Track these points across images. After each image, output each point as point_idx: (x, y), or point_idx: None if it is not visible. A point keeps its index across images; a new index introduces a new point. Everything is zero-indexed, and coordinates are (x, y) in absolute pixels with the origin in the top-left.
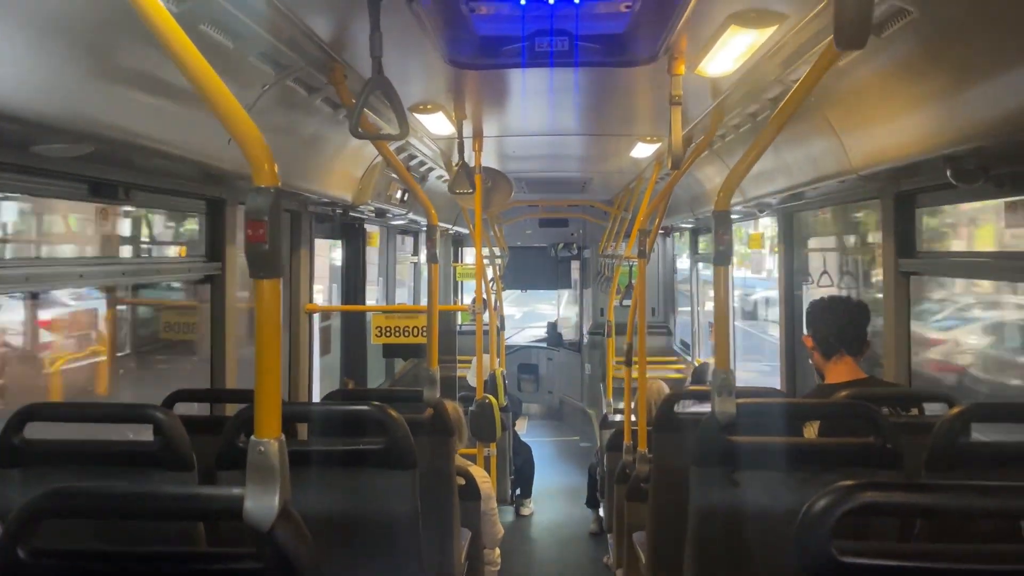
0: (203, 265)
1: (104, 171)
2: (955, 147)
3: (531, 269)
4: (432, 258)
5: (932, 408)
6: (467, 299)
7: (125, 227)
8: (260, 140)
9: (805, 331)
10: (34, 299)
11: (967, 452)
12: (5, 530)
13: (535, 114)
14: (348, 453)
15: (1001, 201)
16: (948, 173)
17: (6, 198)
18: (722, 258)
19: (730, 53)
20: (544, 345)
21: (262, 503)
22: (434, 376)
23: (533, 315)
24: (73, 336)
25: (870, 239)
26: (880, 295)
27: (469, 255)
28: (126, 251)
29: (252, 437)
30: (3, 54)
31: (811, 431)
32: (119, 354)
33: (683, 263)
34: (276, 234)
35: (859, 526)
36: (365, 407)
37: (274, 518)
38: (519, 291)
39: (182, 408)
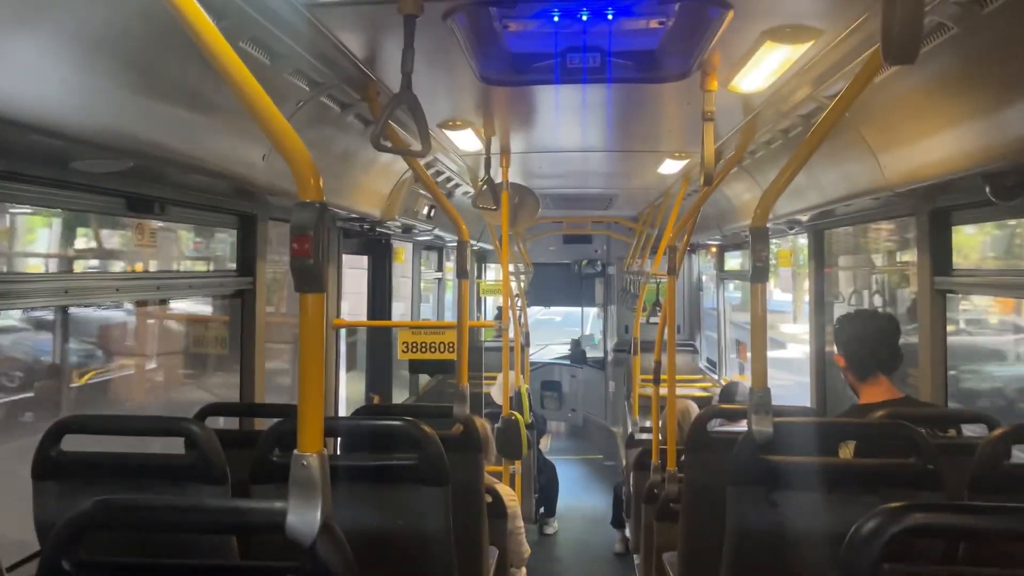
0: (235, 280)
1: (141, 186)
2: (995, 164)
3: (555, 286)
4: (463, 274)
5: (967, 428)
6: (490, 315)
7: (160, 241)
8: (306, 155)
9: (835, 349)
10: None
11: (1010, 474)
12: (52, 541)
13: (563, 130)
14: (381, 468)
15: None
16: (987, 190)
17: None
18: (759, 275)
19: (764, 69)
20: (567, 362)
21: (304, 517)
22: (465, 392)
23: (571, 319)
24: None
25: (901, 257)
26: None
27: (492, 271)
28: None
29: (295, 451)
30: (49, 71)
31: (846, 452)
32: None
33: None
34: (321, 249)
35: (901, 549)
36: (399, 423)
37: (316, 533)
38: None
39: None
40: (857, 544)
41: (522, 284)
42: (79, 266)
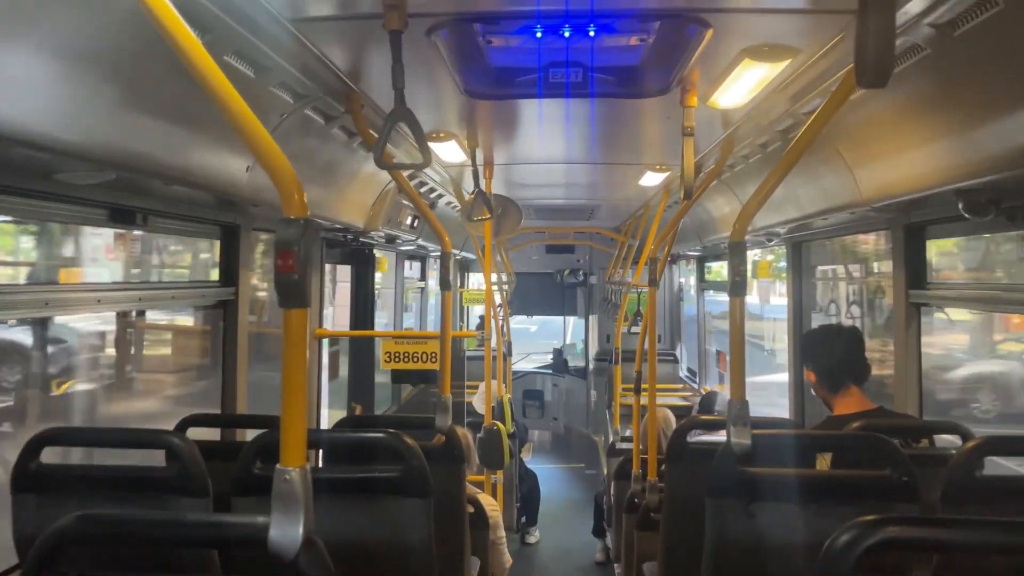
0: (217, 291)
1: (123, 197)
2: (968, 181)
3: (537, 295)
4: (445, 285)
5: (940, 439)
6: (473, 325)
7: (140, 252)
8: (290, 171)
9: (803, 364)
10: None
11: (983, 486)
12: (32, 555)
13: (546, 143)
14: (362, 480)
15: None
16: (960, 206)
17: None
18: (737, 288)
19: (742, 86)
20: (549, 371)
21: (287, 532)
22: (447, 403)
23: (546, 330)
24: None
25: (879, 269)
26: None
27: (475, 280)
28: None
29: (278, 465)
30: (33, 83)
31: (823, 463)
32: None
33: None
34: (305, 264)
35: (875, 561)
36: (382, 435)
37: (299, 547)
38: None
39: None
40: (831, 556)
41: (505, 294)
42: (60, 276)
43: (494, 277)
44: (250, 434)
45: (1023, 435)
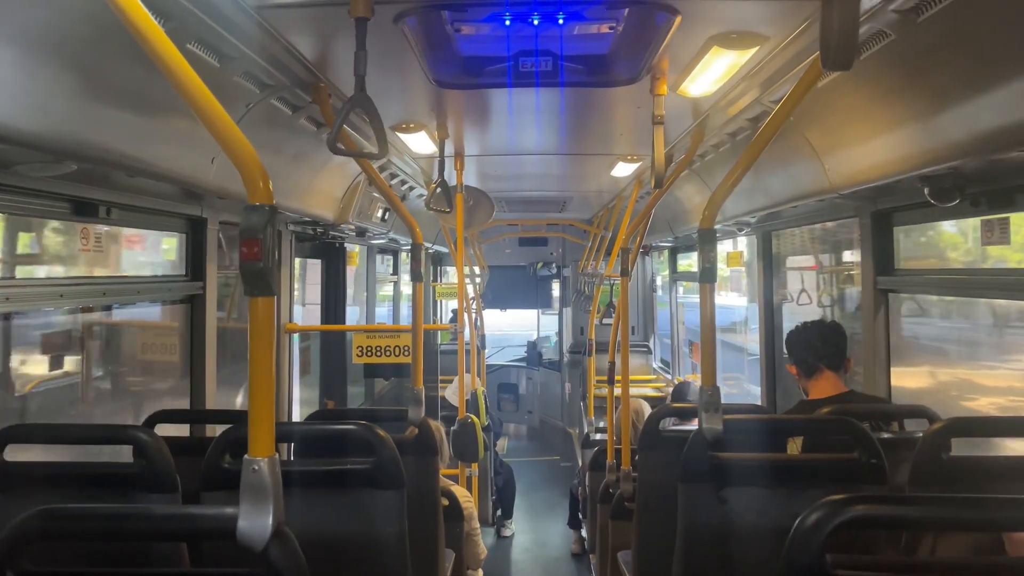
0: (184, 284)
1: (86, 190)
2: (932, 167)
3: (511, 288)
4: (417, 277)
5: (911, 423)
6: (447, 318)
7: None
8: (254, 158)
9: (786, 361)
10: None
11: (950, 467)
12: None
13: (517, 133)
14: (335, 473)
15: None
16: (925, 192)
17: None
18: (707, 275)
19: (711, 74)
20: (524, 364)
21: (256, 522)
22: (419, 395)
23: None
24: None
25: (848, 257)
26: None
27: (448, 274)
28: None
29: (246, 456)
30: None
31: (794, 447)
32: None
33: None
34: (271, 252)
35: (845, 541)
36: (353, 426)
37: (268, 537)
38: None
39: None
40: (801, 536)
41: (478, 287)
42: (20, 271)
43: (467, 270)
44: (220, 431)
45: (988, 416)
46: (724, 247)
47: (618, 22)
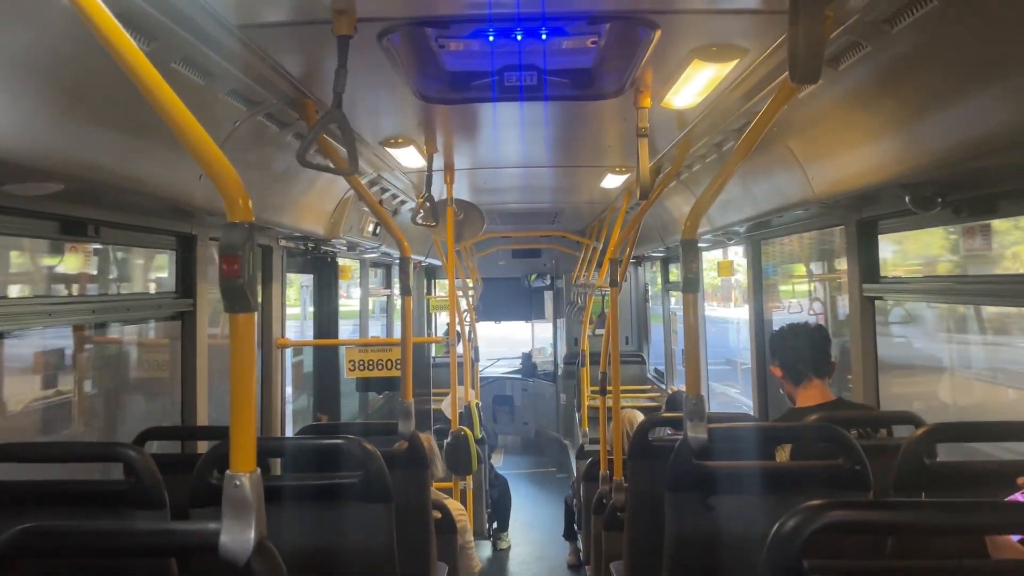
0: (174, 302)
1: (74, 209)
2: (912, 175)
3: (504, 300)
4: (405, 291)
5: (899, 430)
6: (441, 331)
7: (94, 265)
8: (234, 176)
9: (770, 361)
10: None
11: (934, 472)
12: None
13: (506, 147)
14: (323, 487)
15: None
16: (906, 200)
17: None
18: (691, 286)
19: (694, 86)
20: (519, 376)
21: (238, 538)
22: (409, 409)
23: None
24: None
25: (838, 265)
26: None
27: (442, 287)
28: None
29: (227, 471)
30: None
31: (783, 455)
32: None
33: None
34: (251, 269)
35: (830, 548)
36: (339, 440)
37: (250, 553)
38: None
39: (153, 447)
40: (779, 542)
41: (471, 299)
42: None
43: (459, 283)
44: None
45: (971, 422)
46: (714, 256)
47: (600, 36)
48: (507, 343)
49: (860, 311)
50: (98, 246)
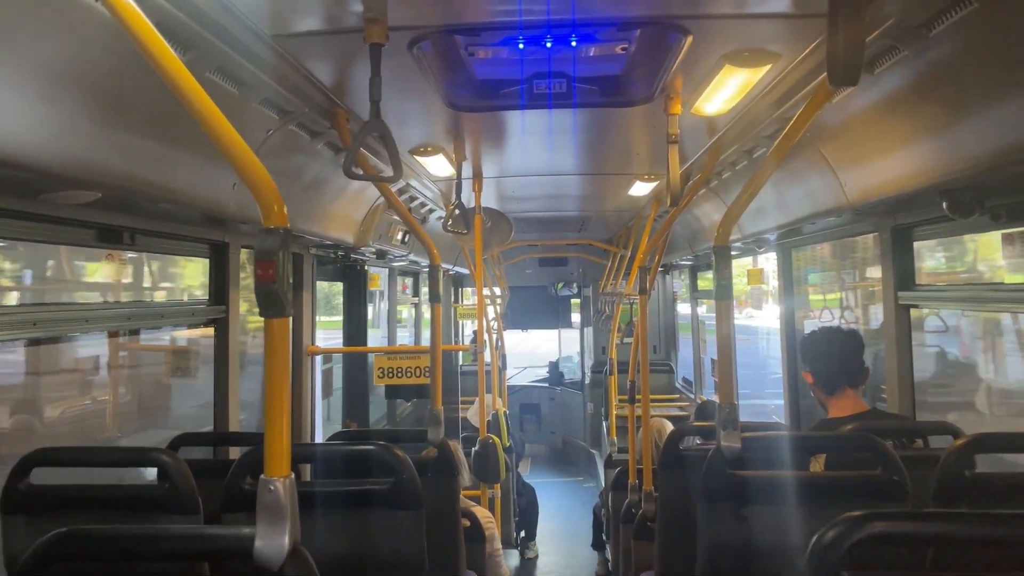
0: (207, 308)
1: (111, 217)
2: (950, 180)
3: (531, 308)
4: (435, 298)
5: (936, 440)
6: (468, 339)
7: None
8: (270, 182)
9: (801, 366)
10: None
11: (974, 484)
12: (16, 573)
13: (534, 155)
14: (354, 493)
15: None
16: (944, 206)
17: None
18: (723, 292)
19: (724, 92)
20: (546, 384)
21: (272, 543)
22: (439, 416)
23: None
24: None
25: (870, 273)
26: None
27: (469, 295)
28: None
29: (262, 476)
30: (16, 104)
31: (817, 465)
32: None
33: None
34: (285, 274)
35: (870, 559)
36: (371, 447)
37: (284, 558)
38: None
39: (185, 452)
40: (818, 553)
41: (498, 308)
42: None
43: (487, 291)
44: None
45: (1013, 432)
46: (744, 263)
47: (630, 43)
48: (530, 359)
49: (895, 319)
50: (133, 254)
